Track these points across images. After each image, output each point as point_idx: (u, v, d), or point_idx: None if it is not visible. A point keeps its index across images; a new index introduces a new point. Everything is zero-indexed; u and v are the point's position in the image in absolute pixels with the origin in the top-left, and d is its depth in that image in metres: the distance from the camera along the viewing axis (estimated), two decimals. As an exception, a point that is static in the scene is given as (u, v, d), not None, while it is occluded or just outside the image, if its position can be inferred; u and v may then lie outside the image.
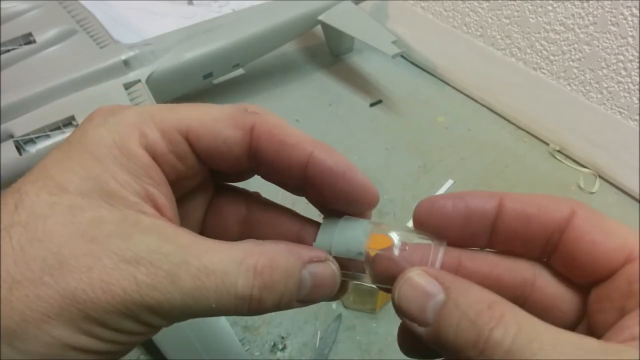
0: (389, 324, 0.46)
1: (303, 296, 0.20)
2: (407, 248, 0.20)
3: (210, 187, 0.24)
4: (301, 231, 0.23)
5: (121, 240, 0.17)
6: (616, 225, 0.19)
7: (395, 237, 0.21)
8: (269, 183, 0.22)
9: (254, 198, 0.24)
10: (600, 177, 0.61)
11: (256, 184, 0.24)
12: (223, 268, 0.18)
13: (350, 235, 0.21)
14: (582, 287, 0.20)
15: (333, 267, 0.20)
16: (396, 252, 0.20)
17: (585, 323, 0.20)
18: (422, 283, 0.18)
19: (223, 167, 0.21)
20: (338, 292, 0.21)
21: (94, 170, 0.18)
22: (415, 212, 0.21)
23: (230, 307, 0.18)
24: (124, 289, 0.16)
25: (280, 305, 0.19)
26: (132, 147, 0.19)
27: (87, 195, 0.18)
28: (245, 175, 0.23)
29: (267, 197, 0.25)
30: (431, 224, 0.21)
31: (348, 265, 0.21)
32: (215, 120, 0.20)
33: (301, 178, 0.20)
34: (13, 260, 0.16)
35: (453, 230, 0.21)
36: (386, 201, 0.57)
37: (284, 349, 0.44)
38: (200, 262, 0.18)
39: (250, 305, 0.18)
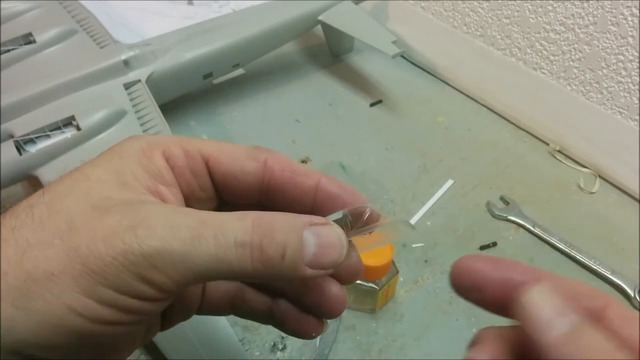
0: (389, 324, 0.46)
1: (310, 257, 0.19)
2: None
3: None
4: None
5: (126, 208, 0.19)
6: None
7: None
8: None
9: None
10: (600, 177, 0.61)
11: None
12: (222, 219, 0.19)
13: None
14: None
15: (336, 229, 0.20)
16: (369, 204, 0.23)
17: None
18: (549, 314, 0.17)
19: (235, 196, 0.23)
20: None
21: (116, 166, 0.21)
22: (454, 266, 0.21)
23: (232, 257, 0.18)
24: (124, 240, 0.18)
25: (286, 260, 0.19)
26: (154, 153, 0.22)
27: (104, 182, 0.20)
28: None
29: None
30: (469, 283, 0.20)
31: None
32: (234, 152, 0.23)
33: (310, 205, 0.23)
34: (32, 229, 0.18)
35: (491, 292, 0.20)
36: (386, 201, 0.57)
37: (284, 348, 0.44)
38: (200, 217, 0.19)
39: (252, 256, 0.19)
